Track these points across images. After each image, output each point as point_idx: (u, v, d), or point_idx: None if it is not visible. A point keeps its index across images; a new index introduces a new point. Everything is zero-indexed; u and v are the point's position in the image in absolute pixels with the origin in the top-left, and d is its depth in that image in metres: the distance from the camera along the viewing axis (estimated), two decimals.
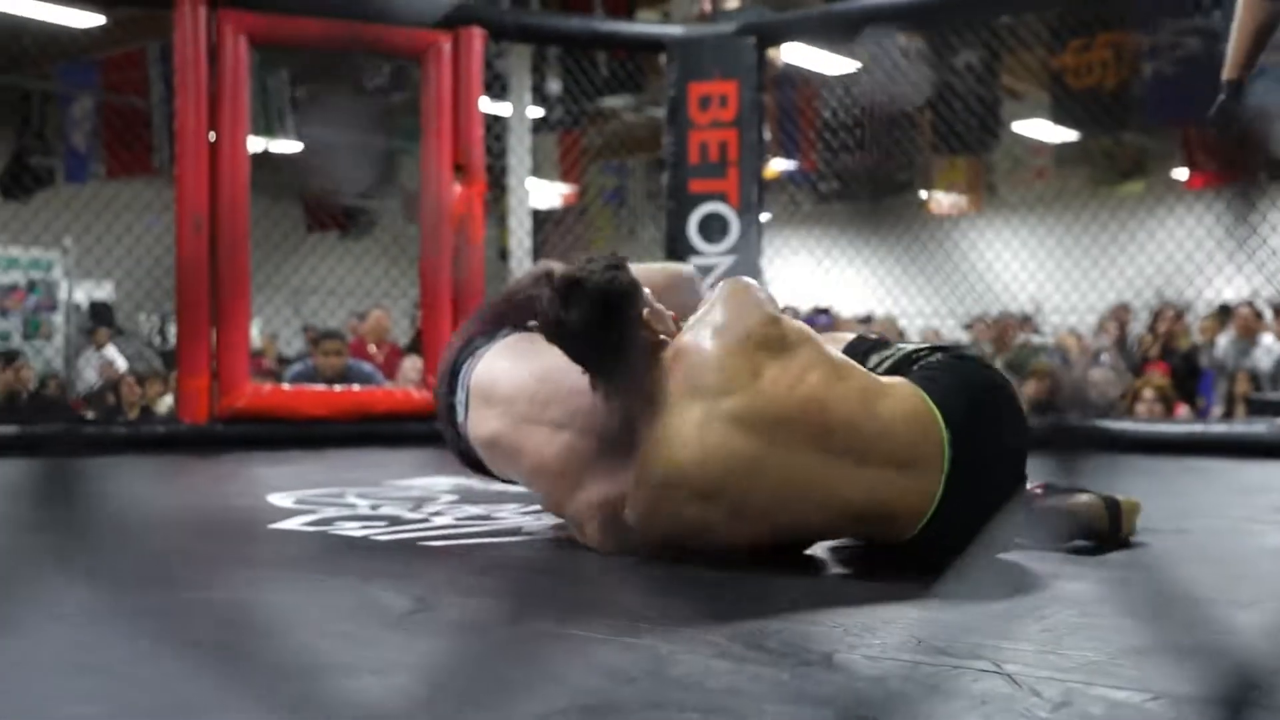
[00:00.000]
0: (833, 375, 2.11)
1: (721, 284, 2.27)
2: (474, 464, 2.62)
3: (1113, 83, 8.71)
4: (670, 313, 2.26)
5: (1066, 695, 1.34)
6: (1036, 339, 9.42)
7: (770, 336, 2.13)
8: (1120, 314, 8.65)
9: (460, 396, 2.51)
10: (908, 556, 2.14)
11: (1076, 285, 7.76)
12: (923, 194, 12.90)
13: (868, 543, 2.31)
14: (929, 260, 8.73)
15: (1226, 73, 3.44)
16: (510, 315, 6.41)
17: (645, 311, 2.18)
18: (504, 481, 2.65)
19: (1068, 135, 11.55)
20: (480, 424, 2.46)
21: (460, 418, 2.52)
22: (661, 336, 2.19)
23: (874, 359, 2.31)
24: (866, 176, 10.66)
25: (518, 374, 2.44)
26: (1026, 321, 10.25)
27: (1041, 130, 11.61)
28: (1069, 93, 9.17)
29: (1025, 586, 2.05)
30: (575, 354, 2.21)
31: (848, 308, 10.20)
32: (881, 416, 2.08)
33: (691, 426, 2.07)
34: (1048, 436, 2.36)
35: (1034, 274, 8.66)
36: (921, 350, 2.32)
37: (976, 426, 2.10)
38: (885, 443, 2.07)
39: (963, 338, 9.90)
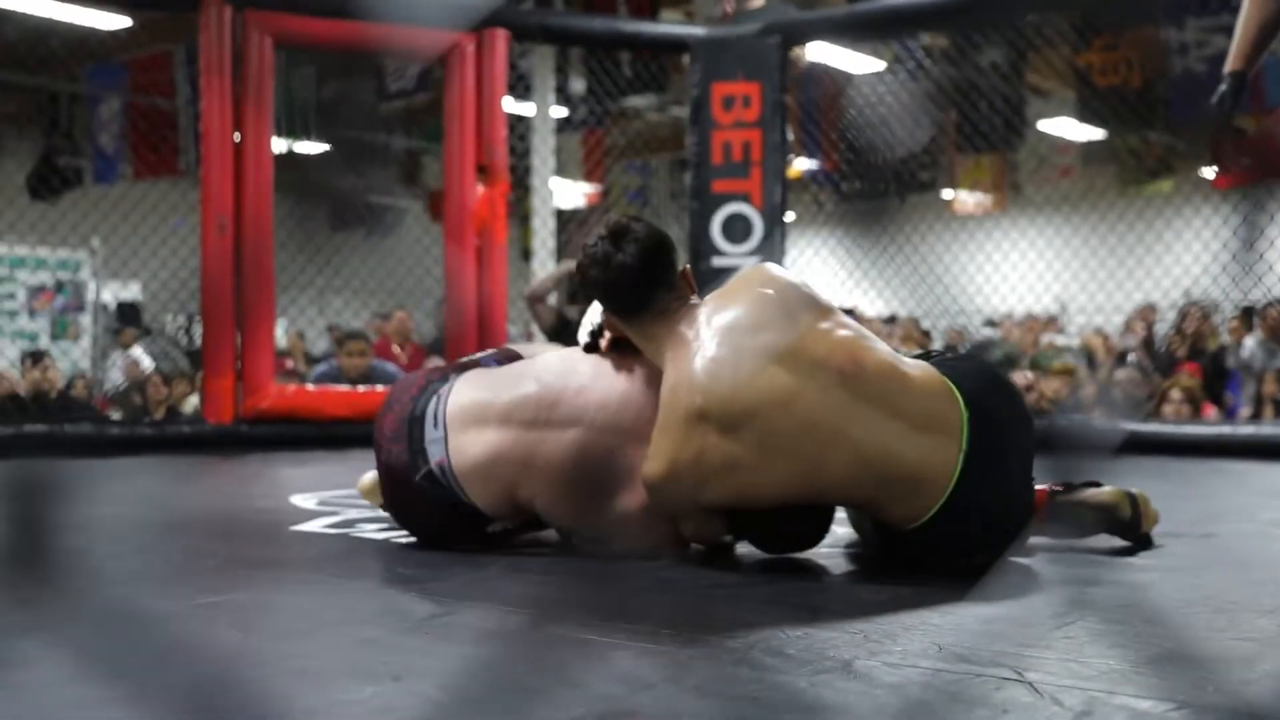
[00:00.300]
0: (863, 334, 2.20)
1: (744, 267, 2.38)
2: (443, 521, 2.43)
3: (1139, 81, 8.65)
4: None
5: (1088, 704, 1.33)
6: (1061, 339, 9.37)
7: (802, 294, 2.22)
8: (1147, 314, 8.60)
9: (435, 434, 2.37)
10: (926, 546, 2.14)
11: (1102, 285, 7.71)
12: (947, 193, 12.85)
13: (887, 529, 2.25)
14: (953, 259, 8.68)
15: (1230, 64, 3.45)
16: (541, 314, 6.37)
17: (683, 264, 2.32)
18: (485, 530, 2.45)
19: (1094, 134, 11.48)
20: (470, 447, 2.34)
21: (438, 456, 2.36)
22: (692, 297, 2.31)
23: None
24: (890, 175, 10.63)
25: (508, 387, 2.39)
26: (1052, 321, 10.20)
27: (1067, 128, 11.54)
28: (1095, 91, 9.12)
29: (1048, 593, 2.03)
30: (620, 293, 2.27)
31: (871, 308, 10.17)
32: (908, 377, 2.13)
33: (724, 359, 2.11)
34: (1065, 436, 2.37)
35: (1059, 274, 8.62)
36: (934, 351, 2.38)
37: (992, 408, 2.14)
38: (911, 401, 2.10)
39: (990, 335, 9.86)
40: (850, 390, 2.08)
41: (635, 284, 2.25)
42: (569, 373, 2.35)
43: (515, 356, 2.57)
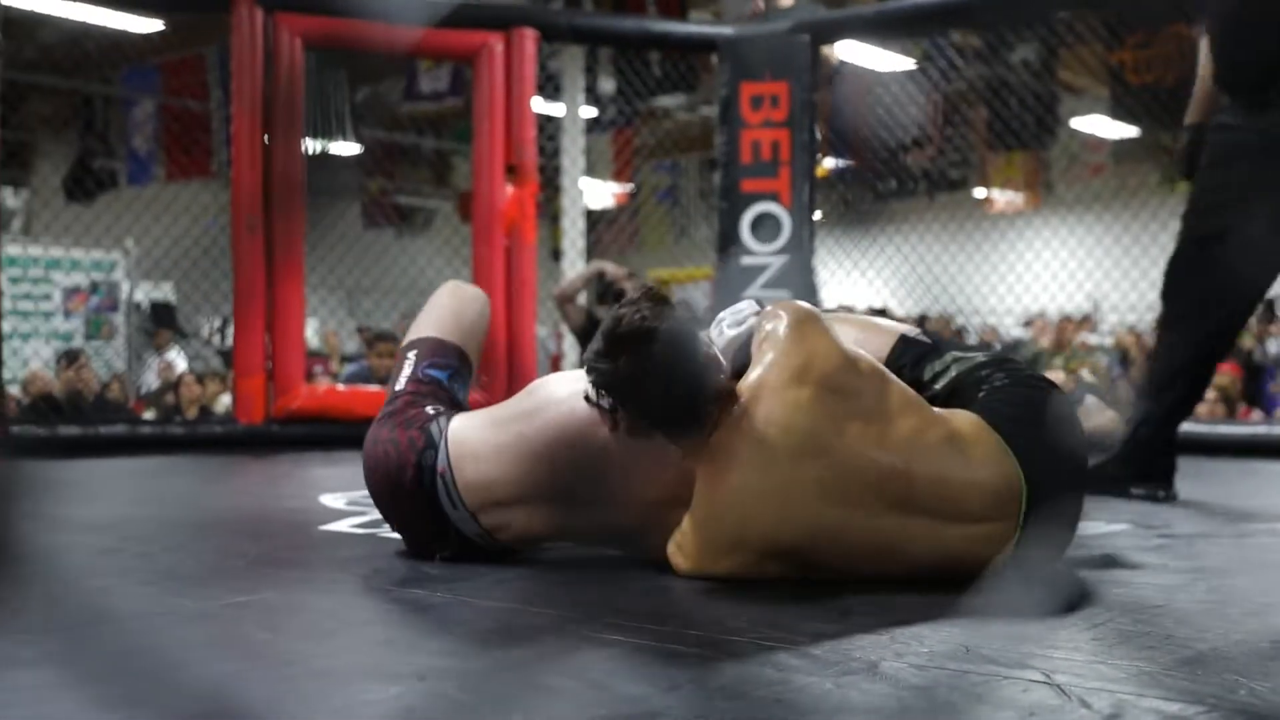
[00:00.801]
0: (917, 427, 2.01)
1: (784, 315, 2.09)
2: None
3: (1174, 78, 8.58)
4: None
5: (1117, 706, 1.32)
6: (1093, 338, 9.31)
7: (847, 386, 2.01)
8: None
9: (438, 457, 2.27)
10: None
11: (1135, 284, 7.63)
12: (979, 191, 12.79)
13: None
14: (985, 258, 8.63)
15: (1189, 117, 3.46)
16: (571, 314, 6.37)
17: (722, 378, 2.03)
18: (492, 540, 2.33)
19: (1127, 131, 11.39)
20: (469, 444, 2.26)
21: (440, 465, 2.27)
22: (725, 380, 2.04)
23: (929, 371, 2.23)
24: (921, 174, 10.59)
25: (504, 404, 2.32)
26: (1085, 321, 10.13)
27: (1100, 126, 11.47)
28: (1128, 88, 9.05)
29: (1078, 594, 2.01)
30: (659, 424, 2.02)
31: (900, 308, 10.12)
32: (963, 473, 2.00)
33: (769, 492, 1.96)
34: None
35: (1090, 272, 8.56)
36: (981, 366, 2.20)
37: (1051, 470, 2.03)
38: (967, 500, 1.99)
39: (1020, 335, 9.81)
40: (902, 510, 1.97)
41: (675, 422, 2.01)
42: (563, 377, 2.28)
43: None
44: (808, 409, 1.98)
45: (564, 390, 2.21)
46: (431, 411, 2.35)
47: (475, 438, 2.26)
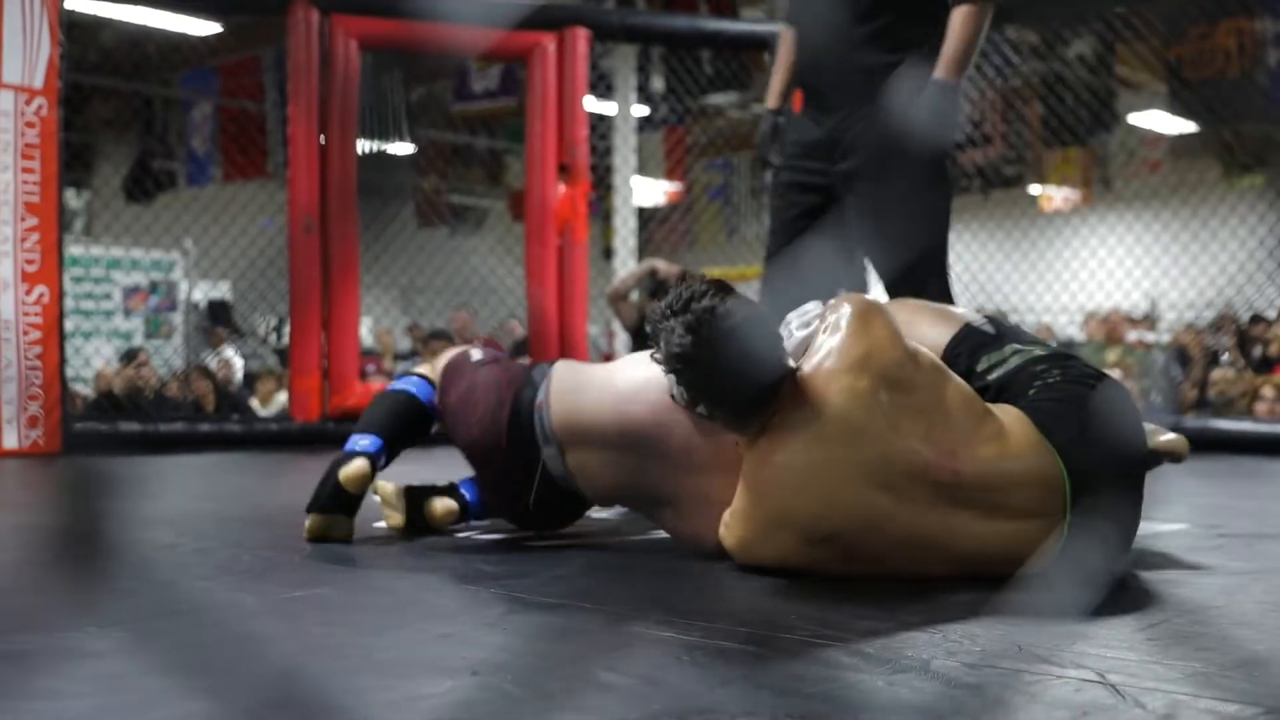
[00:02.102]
0: (968, 424, 2.02)
1: (848, 306, 2.10)
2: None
3: (1235, 72, 8.45)
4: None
5: (1171, 707, 1.31)
6: (1150, 336, 9.19)
7: (904, 379, 2.02)
8: (1231, 313, 8.37)
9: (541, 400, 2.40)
10: None
11: (1194, 281, 7.53)
12: (1034, 188, 12.65)
13: None
14: (1040, 256, 8.55)
15: (769, 103, 3.51)
16: (624, 313, 6.41)
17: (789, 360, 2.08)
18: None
19: (1185, 126, 11.23)
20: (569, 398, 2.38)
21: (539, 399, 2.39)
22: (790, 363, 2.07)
23: (984, 362, 2.22)
24: (975, 170, 10.50)
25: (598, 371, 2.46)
26: (1145, 319, 9.99)
27: (1157, 121, 11.31)
28: (1186, 83, 8.92)
29: (1133, 594, 2.00)
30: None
31: (955, 304, 10.04)
32: (1010, 471, 1.99)
33: (816, 473, 1.98)
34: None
35: (1148, 270, 8.45)
36: (1039, 361, 2.19)
37: (1098, 466, 2.01)
38: (1010, 495, 1.99)
39: (1075, 334, 9.70)
40: (948, 501, 1.99)
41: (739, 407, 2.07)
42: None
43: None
44: (863, 398, 1.99)
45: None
46: (529, 363, 2.53)
47: (573, 379, 2.39)
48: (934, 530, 1.99)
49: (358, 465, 2.53)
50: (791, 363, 2.07)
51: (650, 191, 12.23)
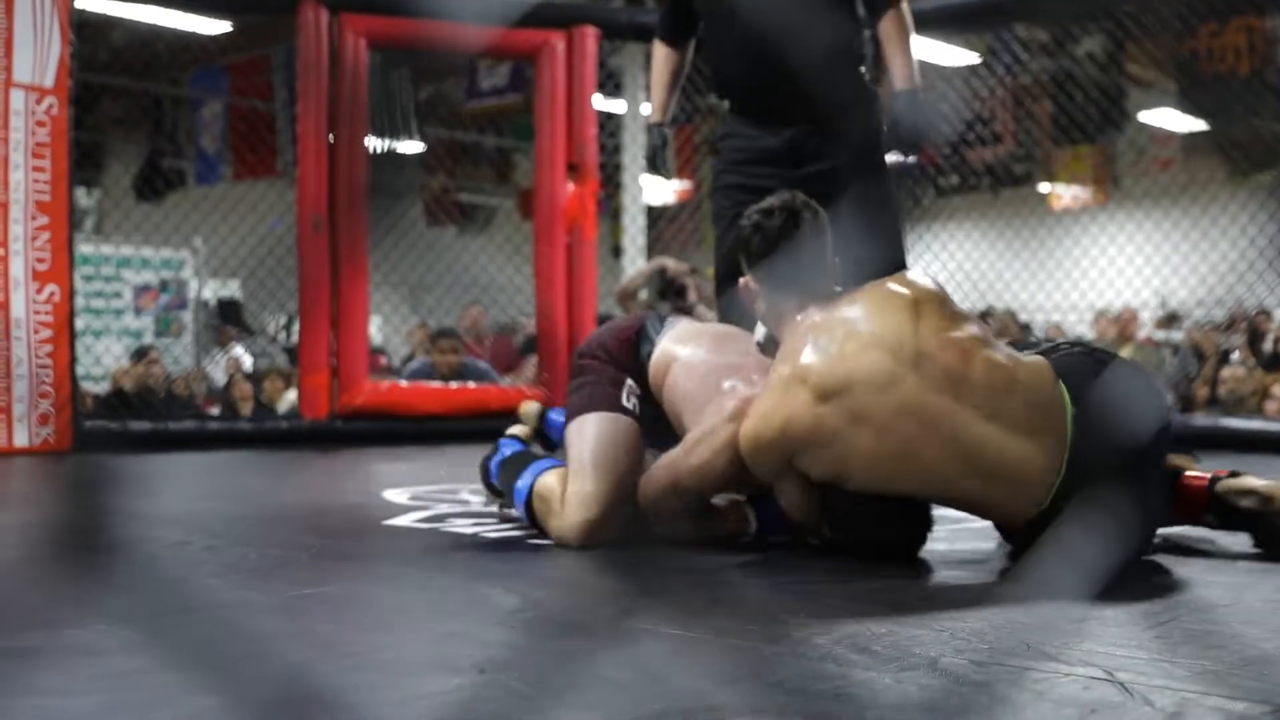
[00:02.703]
0: (982, 339, 2.17)
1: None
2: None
3: (1246, 69, 8.42)
4: None
5: (1180, 705, 1.30)
6: (1160, 335, 9.17)
7: (934, 296, 2.22)
8: (1240, 313, 8.34)
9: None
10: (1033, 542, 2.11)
11: (1204, 279, 7.51)
12: (1044, 186, 12.62)
13: (997, 525, 2.29)
14: (1049, 254, 8.53)
15: (652, 118, 3.68)
16: (632, 311, 6.45)
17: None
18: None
19: (1196, 124, 11.19)
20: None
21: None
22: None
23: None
24: (985, 169, 10.48)
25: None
26: (1173, 319, 9.94)
27: (1168, 119, 11.27)
28: (1197, 80, 8.89)
29: (1143, 592, 1.99)
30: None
31: (965, 303, 10.03)
32: (1015, 383, 2.11)
33: (832, 334, 2.17)
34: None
35: (1158, 269, 8.42)
36: (1061, 344, 2.33)
37: (1102, 407, 2.08)
38: (1015, 405, 2.08)
39: (1085, 333, 9.68)
40: (953, 390, 2.08)
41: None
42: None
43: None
44: (891, 297, 2.21)
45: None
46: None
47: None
48: (936, 412, 2.08)
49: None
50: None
51: (659, 190, 12.22)
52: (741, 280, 2.39)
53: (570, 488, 2.47)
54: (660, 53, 3.56)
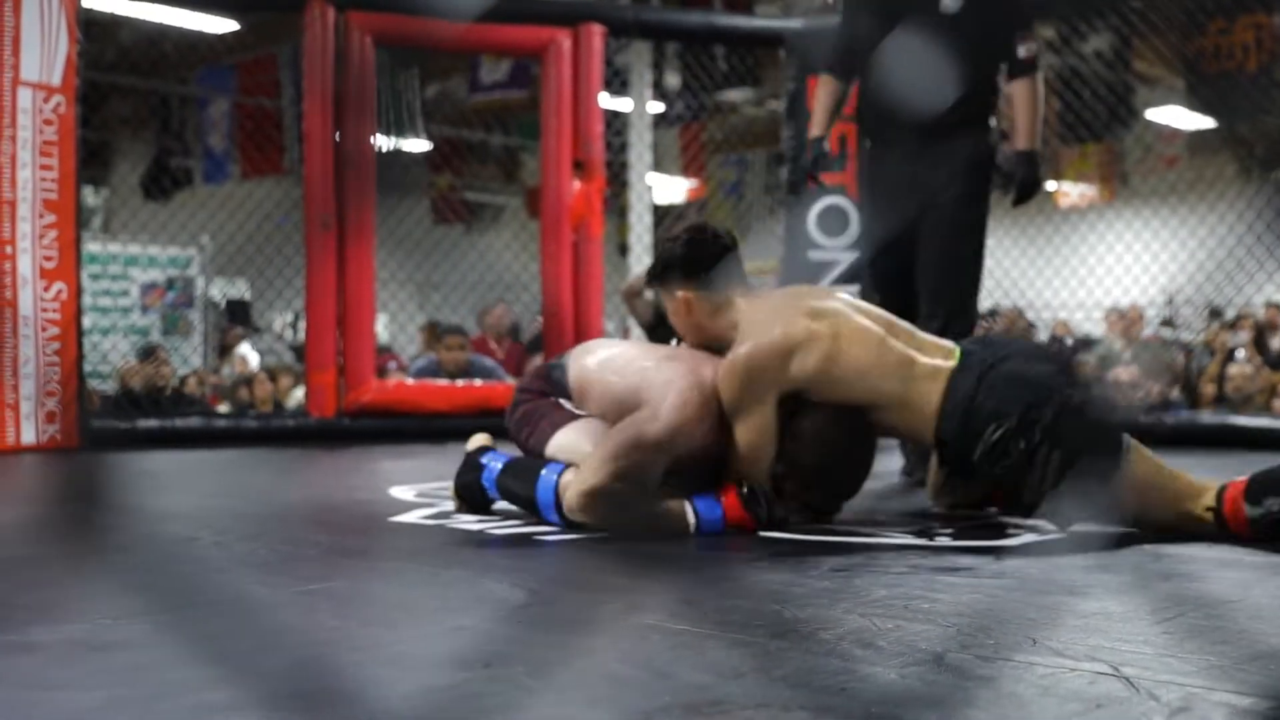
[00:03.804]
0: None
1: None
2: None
3: (1253, 67, 8.39)
4: None
5: (1186, 700, 1.30)
6: (1167, 333, 9.14)
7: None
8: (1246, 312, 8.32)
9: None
10: (956, 456, 2.64)
11: (1210, 277, 7.49)
12: (1050, 184, 12.60)
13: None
14: (1056, 251, 8.51)
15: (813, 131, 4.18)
16: (639, 309, 6.45)
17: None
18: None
19: (1203, 122, 11.17)
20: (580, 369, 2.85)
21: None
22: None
23: None
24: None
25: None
26: (1167, 324, 9.91)
27: (1175, 117, 11.25)
28: (1205, 78, 8.87)
29: (1148, 587, 1.99)
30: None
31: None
32: (919, 335, 2.79)
33: (793, 295, 2.82)
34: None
35: (1165, 266, 8.41)
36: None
37: (990, 355, 2.64)
38: (922, 342, 2.75)
39: (1093, 330, 9.66)
40: (886, 326, 2.74)
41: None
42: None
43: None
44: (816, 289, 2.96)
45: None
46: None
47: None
48: (879, 334, 2.70)
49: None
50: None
51: (667, 188, 12.23)
52: (680, 294, 2.81)
53: (581, 474, 2.61)
54: (826, 83, 4.13)
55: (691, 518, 2.57)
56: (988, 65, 3.83)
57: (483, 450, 2.94)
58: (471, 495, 2.92)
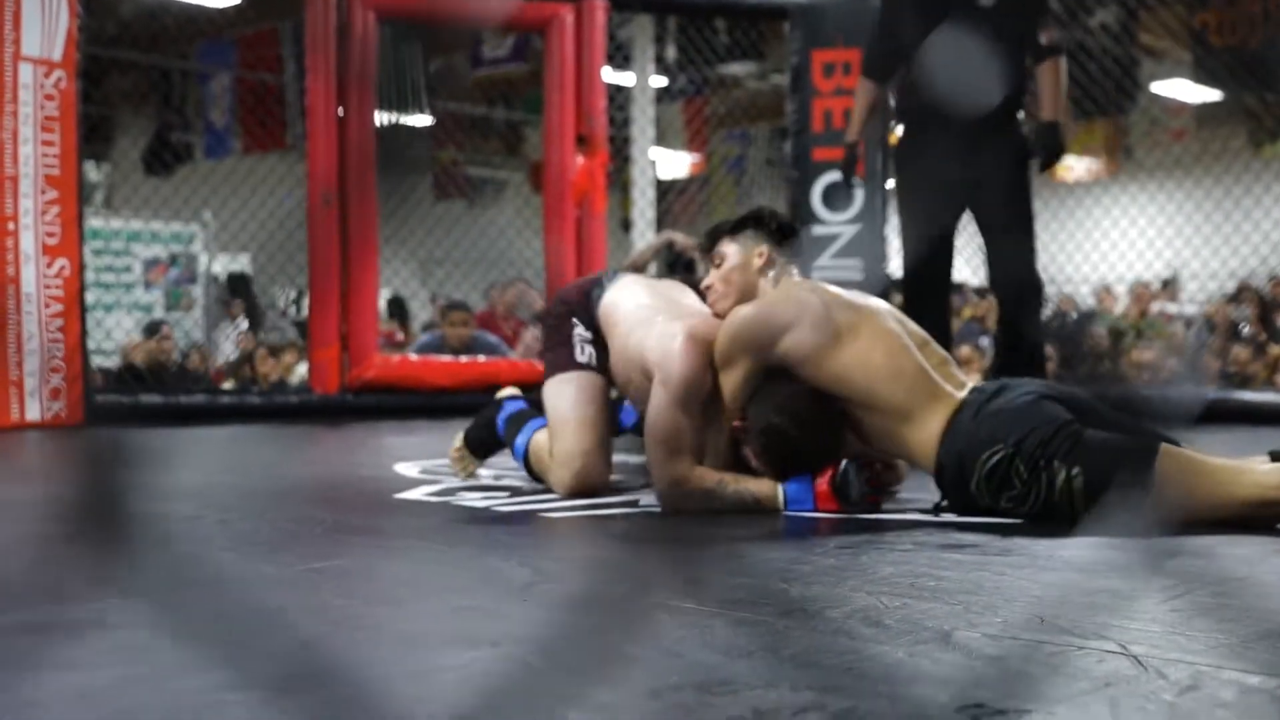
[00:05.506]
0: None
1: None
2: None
3: (1260, 39, 8.35)
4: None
5: (1195, 678, 1.30)
6: (1173, 307, 9.13)
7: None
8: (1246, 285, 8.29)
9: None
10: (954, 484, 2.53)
11: (1216, 251, 7.46)
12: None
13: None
14: (1061, 226, 8.48)
15: (849, 135, 4.51)
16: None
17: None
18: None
19: (1210, 95, 11.10)
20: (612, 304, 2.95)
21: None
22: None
23: None
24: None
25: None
26: (1165, 288, 9.91)
27: (1181, 90, 11.19)
28: (1211, 50, 8.82)
29: (1156, 566, 1.99)
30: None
31: (976, 275, 9.98)
32: (927, 345, 2.74)
33: (797, 294, 2.71)
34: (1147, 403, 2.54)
35: (1170, 240, 8.38)
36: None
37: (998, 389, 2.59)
38: (930, 354, 2.70)
39: (1096, 305, 9.64)
40: (902, 327, 2.71)
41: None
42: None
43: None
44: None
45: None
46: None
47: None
48: (894, 335, 2.64)
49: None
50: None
51: (670, 163, 12.19)
52: (760, 249, 2.83)
53: (555, 447, 2.86)
54: (865, 87, 4.38)
55: (781, 497, 2.58)
56: (1019, 56, 4.09)
57: (512, 398, 3.22)
58: (479, 436, 3.16)
